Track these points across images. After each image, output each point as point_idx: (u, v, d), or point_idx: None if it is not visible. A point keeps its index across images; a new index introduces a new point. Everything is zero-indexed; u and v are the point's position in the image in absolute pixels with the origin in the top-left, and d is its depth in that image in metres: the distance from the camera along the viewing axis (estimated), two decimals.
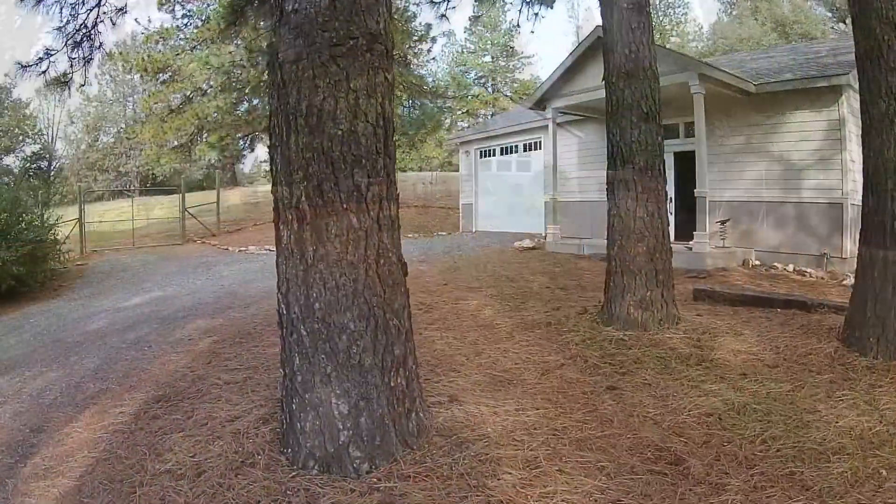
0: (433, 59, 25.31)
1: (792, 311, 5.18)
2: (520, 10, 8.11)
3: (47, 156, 39.75)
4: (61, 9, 4.69)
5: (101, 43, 4.98)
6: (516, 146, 14.30)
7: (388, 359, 2.77)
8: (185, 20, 19.63)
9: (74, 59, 4.77)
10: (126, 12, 4.77)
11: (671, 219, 10.24)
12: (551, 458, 2.66)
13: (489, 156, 15.03)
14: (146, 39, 18.93)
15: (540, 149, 13.48)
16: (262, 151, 39.80)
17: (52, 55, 4.71)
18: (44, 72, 4.75)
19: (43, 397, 4.42)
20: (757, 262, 9.01)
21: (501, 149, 14.70)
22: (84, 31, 4.71)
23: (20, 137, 37.82)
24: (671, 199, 10.02)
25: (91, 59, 4.95)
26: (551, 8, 8.07)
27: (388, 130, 2.79)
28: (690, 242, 8.66)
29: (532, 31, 31.58)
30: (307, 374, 2.73)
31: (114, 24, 4.77)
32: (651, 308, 4.90)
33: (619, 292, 5.02)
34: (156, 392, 4.06)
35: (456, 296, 6.49)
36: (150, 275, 10.15)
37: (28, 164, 38.05)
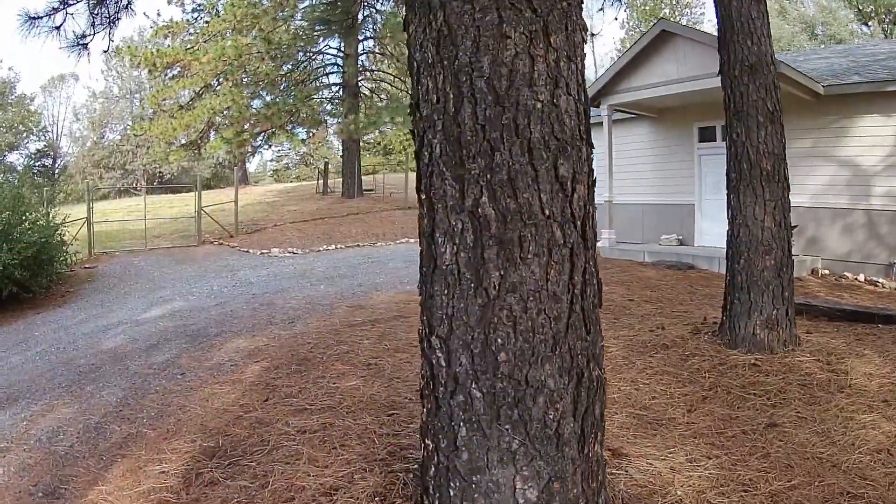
0: None
1: (894, 326, 4.96)
2: None
3: (52, 153, 38.87)
4: None
5: (129, 1, 4.04)
6: None
7: (588, 422, 1.98)
8: (195, 14, 18.83)
9: (96, 15, 3.80)
10: None
11: None
12: None
13: None
14: (154, 34, 18.12)
15: None
16: (267, 151, 38.98)
17: (69, 4, 3.72)
18: (58, 27, 3.76)
19: (56, 443, 3.46)
20: (826, 272, 8.67)
21: None
22: None
23: (24, 134, 36.95)
24: None
25: (118, 18, 4.00)
26: None
27: (588, 109, 2.03)
28: None
29: (615, 18, 31.23)
30: (478, 451, 1.87)
31: None
32: (776, 328, 4.47)
33: (745, 311, 4.57)
34: (204, 442, 3.11)
35: None
36: (167, 280, 9.18)
37: (32, 162, 37.15)
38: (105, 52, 4.21)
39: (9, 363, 5.48)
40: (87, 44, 3.99)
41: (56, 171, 38.37)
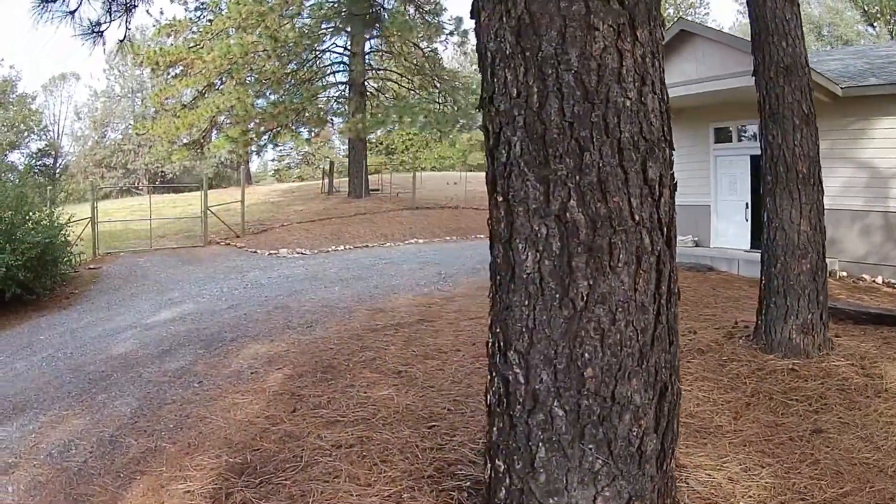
0: (465, 53, 24.15)
1: None
2: None
3: (53, 152, 38.63)
4: None
5: None
6: None
7: (668, 438, 1.89)
8: (198, 13, 18.62)
9: (112, 0, 3.59)
10: None
11: (748, 226, 9.64)
12: None
13: None
14: (157, 32, 17.93)
15: None
16: (270, 151, 38.73)
17: None
18: (72, 12, 3.54)
19: (68, 458, 3.25)
20: (843, 274, 8.57)
21: None
22: None
23: (25, 133, 36.70)
24: (748, 204, 9.53)
25: (135, 5, 3.80)
26: None
27: (670, 110, 1.97)
28: None
29: None
30: (558, 472, 1.76)
31: None
32: (812, 332, 4.46)
33: (782, 315, 4.51)
34: (230, 457, 2.91)
35: None
36: (175, 282, 8.97)
37: (33, 161, 36.90)
38: (121, 41, 3.99)
39: (14, 369, 5.26)
40: (102, 31, 3.76)
41: (57, 171, 38.12)
